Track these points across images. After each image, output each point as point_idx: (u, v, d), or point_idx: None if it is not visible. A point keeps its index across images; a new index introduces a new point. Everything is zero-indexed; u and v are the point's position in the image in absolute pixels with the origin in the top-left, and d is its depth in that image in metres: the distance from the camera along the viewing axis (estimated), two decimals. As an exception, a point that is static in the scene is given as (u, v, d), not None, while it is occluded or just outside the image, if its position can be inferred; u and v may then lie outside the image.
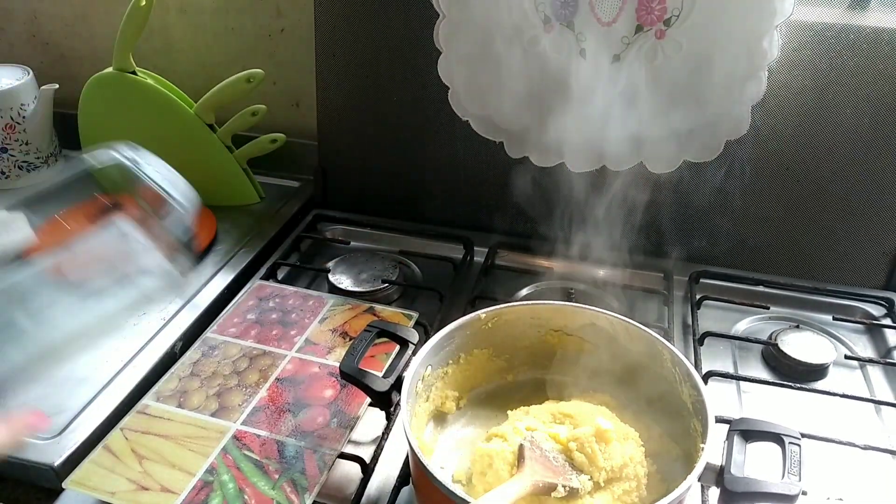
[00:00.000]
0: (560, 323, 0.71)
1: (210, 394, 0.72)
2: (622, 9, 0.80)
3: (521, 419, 0.64)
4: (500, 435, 0.62)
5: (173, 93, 1.01)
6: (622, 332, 0.68)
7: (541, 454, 0.59)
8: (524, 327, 0.71)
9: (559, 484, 0.57)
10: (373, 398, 0.64)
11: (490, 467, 0.59)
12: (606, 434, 0.59)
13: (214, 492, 0.62)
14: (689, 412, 0.62)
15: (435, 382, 0.68)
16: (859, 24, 0.80)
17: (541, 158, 0.94)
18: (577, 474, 0.58)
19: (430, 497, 0.57)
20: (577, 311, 0.70)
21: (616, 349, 0.69)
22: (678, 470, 0.61)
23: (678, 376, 0.63)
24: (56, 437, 0.67)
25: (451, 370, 0.69)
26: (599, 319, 0.69)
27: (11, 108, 1.06)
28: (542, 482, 0.56)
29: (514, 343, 0.72)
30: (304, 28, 1.04)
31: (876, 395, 0.79)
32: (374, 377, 0.63)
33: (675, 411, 0.64)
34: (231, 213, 1.05)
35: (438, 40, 0.89)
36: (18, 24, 1.20)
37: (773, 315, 0.90)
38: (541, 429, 0.62)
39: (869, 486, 0.68)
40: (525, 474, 0.56)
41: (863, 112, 0.84)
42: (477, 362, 0.71)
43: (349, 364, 0.63)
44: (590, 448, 0.59)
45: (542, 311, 0.71)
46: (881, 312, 0.90)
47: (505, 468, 0.58)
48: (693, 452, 0.59)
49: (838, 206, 0.89)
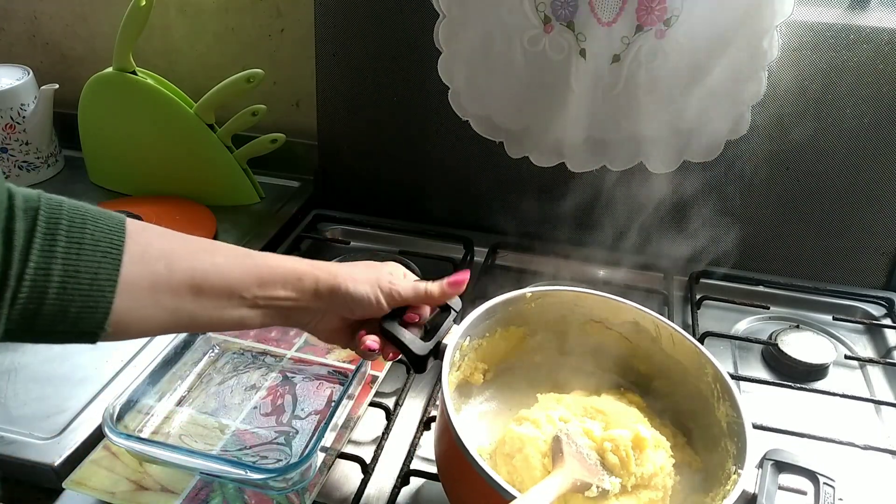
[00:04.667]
0: (603, 315, 0.70)
1: (210, 393, 0.72)
2: (622, 9, 0.80)
3: (553, 407, 0.63)
4: (533, 421, 0.61)
5: (173, 93, 1.01)
6: (666, 337, 0.66)
7: (577, 450, 0.58)
8: (566, 312, 0.70)
9: (594, 484, 0.56)
10: (409, 359, 0.60)
11: (520, 451, 0.58)
12: (644, 442, 0.58)
13: (214, 492, 0.62)
14: (723, 431, 0.60)
15: (468, 353, 0.67)
16: (859, 24, 0.80)
17: (541, 158, 0.94)
18: (609, 475, 0.58)
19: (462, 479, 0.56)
20: (623, 307, 0.68)
21: (655, 352, 0.68)
22: (697, 483, 0.60)
23: (717, 393, 0.61)
24: (56, 437, 0.67)
25: (486, 342, 0.68)
26: (644, 319, 0.67)
27: (11, 108, 1.06)
28: (580, 481, 0.56)
29: (553, 326, 0.71)
30: (304, 28, 1.04)
31: (876, 395, 0.79)
32: (415, 338, 0.59)
33: (705, 425, 0.63)
34: (231, 213, 1.05)
35: (438, 40, 0.89)
36: (18, 24, 1.20)
37: (773, 315, 0.90)
38: (574, 422, 0.61)
39: (869, 486, 0.67)
40: (566, 470, 0.55)
41: (863, 112, 0.84)
42: (512, 338, 0.71)
43: (391, 321, 0.59)
44: (625, 452, 0.58)
45: (587, 299, 0.69)
46: (881, 312, 0.90)
47: (536, 456, 0.58)
48: (717, 471, 0.58)
49: (838, 207, 0.89)
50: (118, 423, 0.64)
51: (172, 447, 0.61)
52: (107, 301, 0.46)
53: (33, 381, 0.74)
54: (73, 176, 1.14)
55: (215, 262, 0.52)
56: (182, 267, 0.50)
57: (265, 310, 0.55)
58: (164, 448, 0.61)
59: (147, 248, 0.49)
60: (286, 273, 0.55)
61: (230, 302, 0.52)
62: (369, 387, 0.74)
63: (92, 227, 0.46)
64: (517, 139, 0.93)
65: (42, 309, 0.44)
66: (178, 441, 0.67)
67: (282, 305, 0.55)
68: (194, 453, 0.61)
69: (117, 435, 0.61)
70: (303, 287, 0.55)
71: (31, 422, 0.69)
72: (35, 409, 0.70)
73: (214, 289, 0.51)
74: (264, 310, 0.55)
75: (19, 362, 0.76)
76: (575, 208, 0.93)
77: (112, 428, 0.62)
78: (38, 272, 0.43)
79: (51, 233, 0.44)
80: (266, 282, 0.54)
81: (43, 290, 0.43)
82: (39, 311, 0.44)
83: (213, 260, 0.52)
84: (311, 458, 0.59)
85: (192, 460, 0.60)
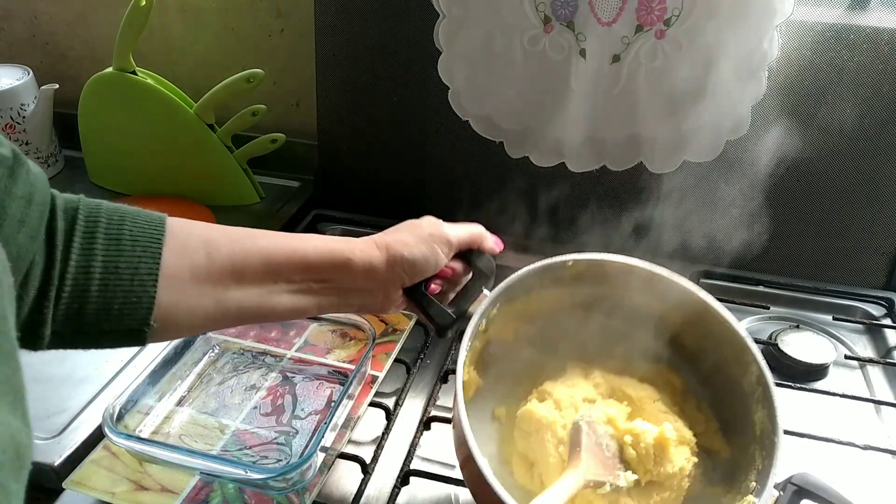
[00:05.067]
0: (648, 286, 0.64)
1: (210, 393, 0.72)
2: (622, 9, 0.79)
3: (579, 384, 0.61)
4: (555, 400, 0.59)
5: (173, 93, 1.01)
6: (715, 320, 0.61)
7: (595, 441, 0.56)
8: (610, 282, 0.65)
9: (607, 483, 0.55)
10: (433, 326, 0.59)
11: (536, 433, 0.57)
12: (667, 442, 0.57)
13: (214, 492, 0.62)
14: (755, 437, 0.57)
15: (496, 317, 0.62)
16: (859, 24, 0.80)
17: (541, 158, 0.94)
18: (624, 469, 0.56)
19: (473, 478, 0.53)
20: (675, 286, 0.62)
21: (703, 332, 0.63)
22: (718, 477, 0.59)
23: (758, 396, 0.58)
24: (56, 437, 0.67)
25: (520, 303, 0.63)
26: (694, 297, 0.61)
27: (11, 107, 1.05)
28: (594, 481, 0.54)
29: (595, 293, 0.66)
30: (304, 28, 1.04)
31: (876, 395, 0.79)
32: (440, 307, 0.58)
33: (741, 423, 0.59)
34: (231, 213, 1.05)
35: (438, 40, 0.89)
36: (18, 24, 1.20)
37: (773, 315, 0.90)
38: (598, 404, 0.58)
39: (869, 486, 0.67)
40: (580, 470, 0.54)
41: (863, 112, 0.84)
42: (549, 298, 0.65)
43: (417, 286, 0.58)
44: (645, 449, 0.56)
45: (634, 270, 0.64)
46: (881, 312, 0.90)
47: (552, 441, 0.56)
48: (740, 475, 0.56)
49: (838, 207, 0.89)
50: (118, 422, 0.64)
51: (172, 447, 0.61)
52: (149, 295, 0.46)
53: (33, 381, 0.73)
54: (73, 176, 1.14)
55: (257, 245, 0.51)
56: (222, 253, 0.49)
57: (317, 295, 0.53)
58: (164, 448, 0.61)
59: (187, 239, 0.49)
60: (333, 254, 0.54)
61: (276, 287, 0.52)
62: (369, 387, 0.74)
63: (130, 224, 0.46)
64: (517, 139, 0.93)
65: (86, 307, 0.44)
66: (178, 441, 0.67)
67: (333, 287, 0.54)
68: (194, 453, 0.61)
69: (117, 435, 0.61)
70: (352, 268, 0.54)
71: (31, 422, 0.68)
72: (35, 409, 0.69)
73: (258, 273, 0.51)
74: (317, 295, 0.53)
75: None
76: (575, 209, 0.93)
77: (112, 428, 0.62)
78: (79, 270, 0.44)
79: (90, 231, 0.45)
80: (311, 264, 0.53)
81: (85, 287, 0.44)
82: (83, 310, 0.44)
83: (255, 244, 0.51)
84: (310, 459, 0.59)
85: (192, 460, 0.60)
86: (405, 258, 0.55)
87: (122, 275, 0.45)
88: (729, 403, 0.62)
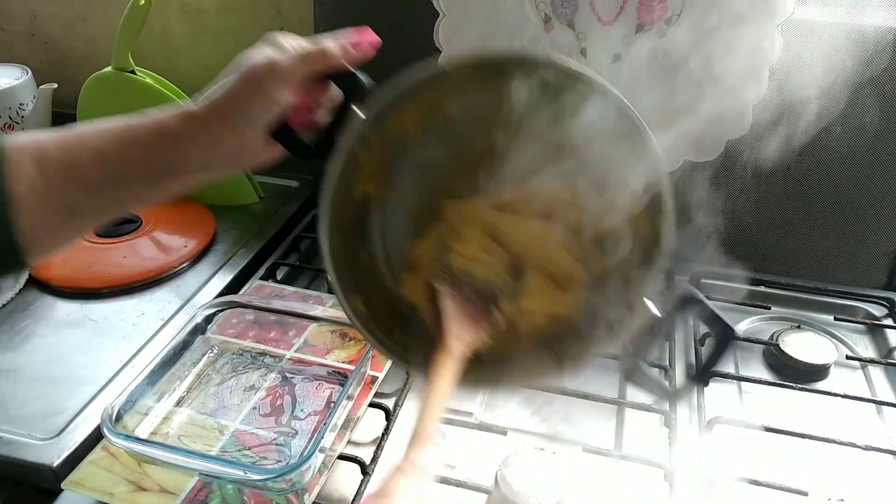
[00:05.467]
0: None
1: (209, 393, 0.72)
2: (623, 8, 0.79)
3: (450, 234, 0.54)
4: (425, 263, 0.53)
5: (173, 93, 1.01)
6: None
7: (462, 297, 0.50)
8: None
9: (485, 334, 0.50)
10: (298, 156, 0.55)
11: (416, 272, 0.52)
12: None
13: (213, 493, 0.62)
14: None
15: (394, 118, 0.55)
16: (859, 24, 0.80)
17: (541, 158, 0.93)
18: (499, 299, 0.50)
19: None
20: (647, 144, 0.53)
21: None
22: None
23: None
24: (55, 438, 0.67)
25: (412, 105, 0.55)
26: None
27: (10, 107, 1.05)
28: (471, 346, 0.49)
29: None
30: (304, 28, 1.03)
31: (877, 395, 0.79)
32: (297, 140, 0.55)
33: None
34: (230, 212, 1.05)
35: (438, 40, 0.89)
36: (18, 23, 1.20)
37: (774, 315, 0.90)
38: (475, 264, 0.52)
39: (870, 487, 0.67)
40: (453, 352, 0.47)
41: (863, 112, 0.83)
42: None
43: (282, 126, 0.53)
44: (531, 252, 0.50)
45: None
46: (882, 312, 0.90)
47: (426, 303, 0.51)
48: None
49: (839, 206, 0.89)
50: (117, 423, 0.64)
51: (171, 448, 0.61)
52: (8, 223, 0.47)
53: (32, 381, 0.74)
54: (72, 176, 1.14)
55: (87, 146, 0.54)
56: (52, 158, 0.51)
57: (163, 168, 0.54)
58: (163, 449, 0.61)
59: (20, 158, 0.49)
60: (157, 124, 0.55)
61: (119, 175, 0.53)
62: (369, 387, 0.74)
63: None
64: (517, 139, 0.93)
65: None
66: (177, 442, 0.67)
67: (171, 156, 0.54)
68: (193, 454, 0.61)
69: (116, 435, 0.61)
70: (176, 127, 0.54)
71: (29, 422, 0.68)
72: (34, 410, 0.70)
73: (95, 171, 0.52)
74: (162, 168, 0.54)
75: (18, 362, 0.76)
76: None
77: (111, 428, 0.61)
78: None
79: None
80: (138, 141, 0.55)
81: None
82: None
83: (84, 144, 0.54)
84: (310, 459, 0.59)
85: (192, 461, 0.59)
86: (226, 113, 0.54)
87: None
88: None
